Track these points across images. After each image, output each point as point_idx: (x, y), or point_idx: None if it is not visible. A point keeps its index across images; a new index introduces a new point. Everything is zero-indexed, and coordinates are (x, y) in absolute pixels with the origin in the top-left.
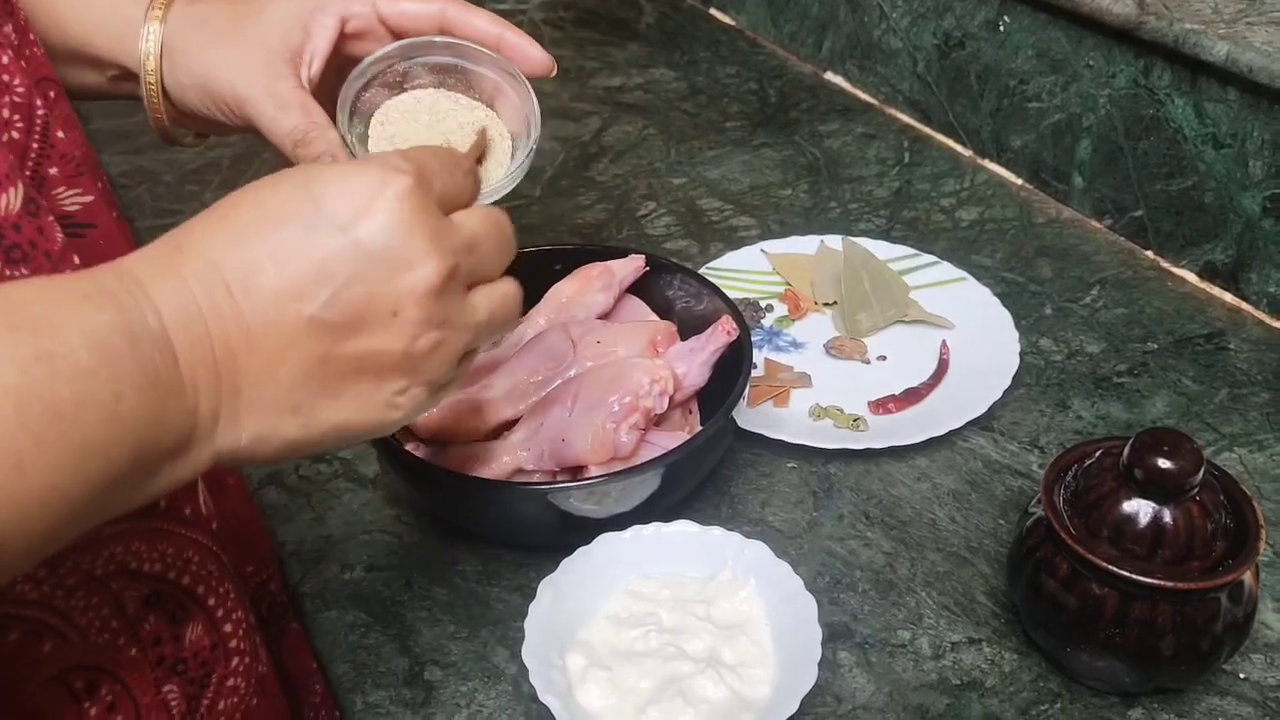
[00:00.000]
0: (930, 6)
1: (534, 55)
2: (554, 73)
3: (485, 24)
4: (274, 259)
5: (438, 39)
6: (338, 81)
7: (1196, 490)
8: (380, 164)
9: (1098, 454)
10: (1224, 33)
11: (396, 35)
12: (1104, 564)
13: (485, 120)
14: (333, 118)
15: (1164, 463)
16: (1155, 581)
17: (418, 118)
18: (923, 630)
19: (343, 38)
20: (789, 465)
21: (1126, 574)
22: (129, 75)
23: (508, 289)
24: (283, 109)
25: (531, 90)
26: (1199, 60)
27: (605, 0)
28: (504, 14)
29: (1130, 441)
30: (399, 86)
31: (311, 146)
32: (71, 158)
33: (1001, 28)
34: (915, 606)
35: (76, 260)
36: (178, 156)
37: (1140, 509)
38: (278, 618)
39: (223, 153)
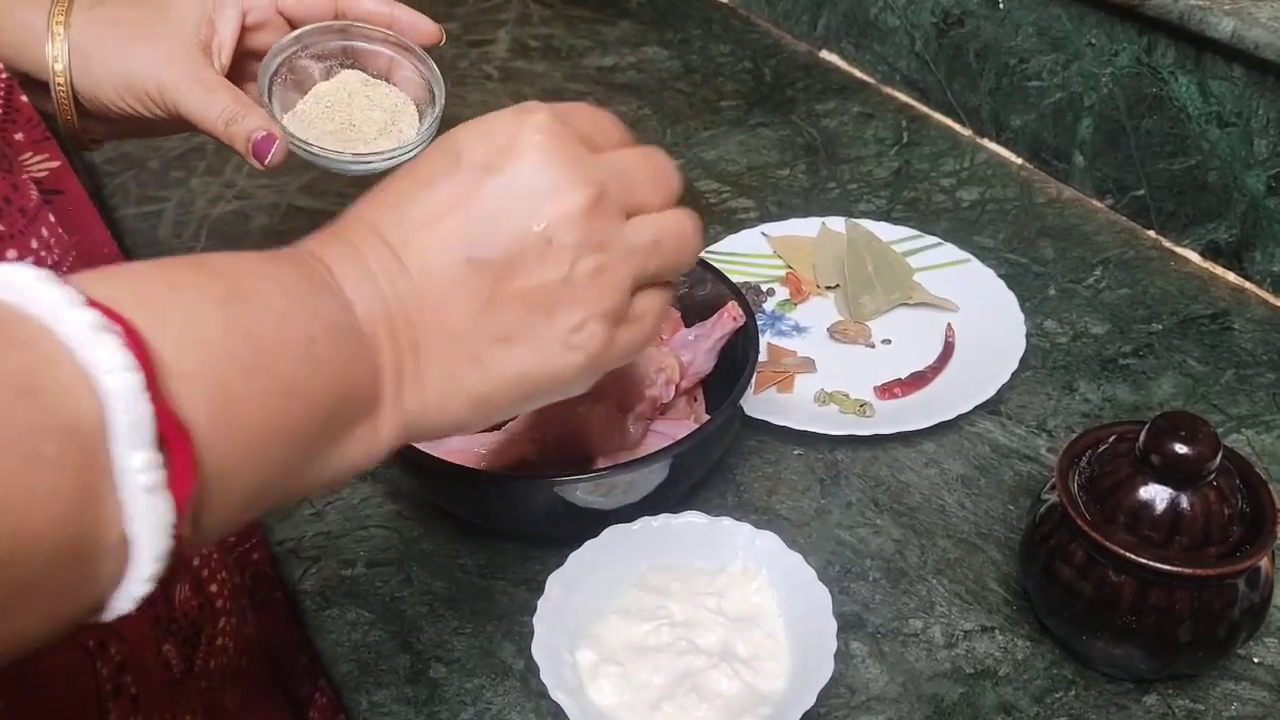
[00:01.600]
0: None
1: (424, 28)
2: (443, 41)
3: (374, 4)
4: (427, 213)
5: (333, 24)
6: (239, 74)
7: (1213, 475)
8: (515, 107)
9: (1111, 439)
10: (1229, 8)
11: (294, 25)
12: (1122, 551)
13: (391, 96)
14: None
15: (1181, 448)
16: (1174, 569)
17: (332, 108)
18: (935, 619)
19: (244, 31)
20: (795, 452)
21: (1145, 561)
22: (26, 81)
23: (676, 215)
24: (211, 92)
25: (429, 59)
26: (1204, 37)
27: None
28: None
29: (1146, 427)
30: (307, 76)
31: (243, 123)
32: (36, 122)
33: (1001, 5)
34: (927, 595)
35: (51, 218)
36: (163, 143)
37: (1157, 495)
38: (260, 587)
39: (207, 139)
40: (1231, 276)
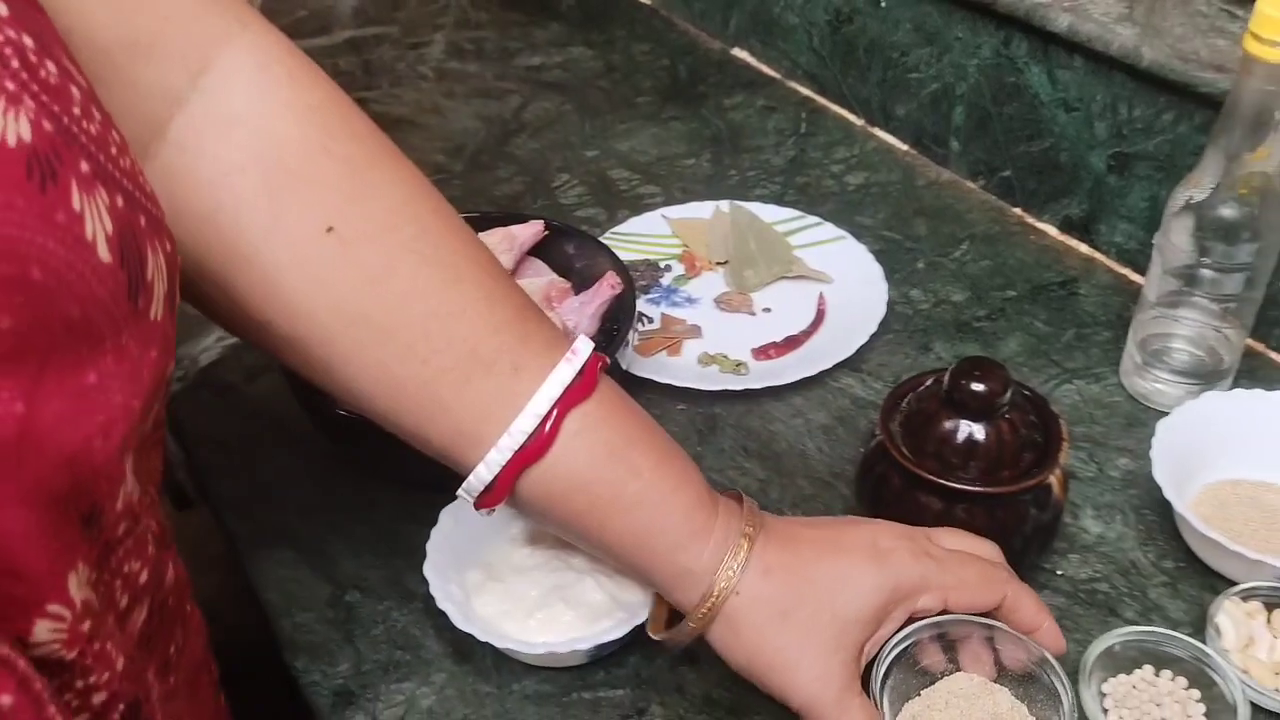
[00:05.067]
0: None
1: (1059, 645)
2: (1064, 652)
3: (1031, 614)
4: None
5: (976, 620)
6: None
7: (1005, 409)
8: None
9: (929, 382)
10: (1068, 5)
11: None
12: (927, 475)
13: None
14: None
15: (976, 386)
16: (966, 487)
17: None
18: None
19: None
20: (679, 407)
21: (944, 483)
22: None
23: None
24: (844, 712)
25: (1060, 669)
26: (1047, 31)
27: None
28: None
29: (949, 369)
30: (916, 662)
31: None
32: None
33: (883, 3)
34: None
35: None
36: None
37: (958, 427)
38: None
39: None
40: (1083, 248)
